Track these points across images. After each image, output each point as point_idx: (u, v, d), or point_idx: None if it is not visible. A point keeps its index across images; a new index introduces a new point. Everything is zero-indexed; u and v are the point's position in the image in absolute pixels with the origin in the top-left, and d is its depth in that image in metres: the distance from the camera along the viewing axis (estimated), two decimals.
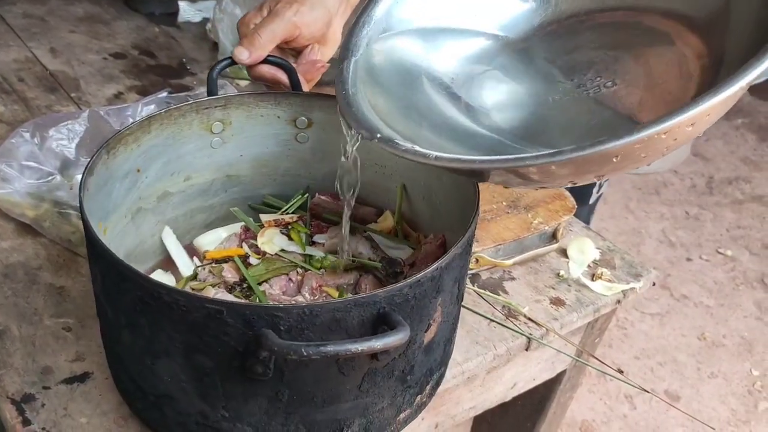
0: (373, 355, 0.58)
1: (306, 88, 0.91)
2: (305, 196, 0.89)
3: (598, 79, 0.72)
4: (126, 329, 0.62)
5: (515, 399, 1.04)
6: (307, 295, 0.76)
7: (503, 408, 1.08)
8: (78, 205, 0.88)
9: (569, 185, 0.65)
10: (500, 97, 0.75)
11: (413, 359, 0.65)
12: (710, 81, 0.58)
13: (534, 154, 0.57)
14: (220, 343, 0.56)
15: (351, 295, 0.78)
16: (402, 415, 0.70)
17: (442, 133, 0.69)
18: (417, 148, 0.62)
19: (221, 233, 0.86)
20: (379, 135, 0.64)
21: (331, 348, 0.52)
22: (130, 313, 0.60)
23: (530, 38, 0.79)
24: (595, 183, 1.42)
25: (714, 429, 1.95)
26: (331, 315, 0.56)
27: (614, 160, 0.57)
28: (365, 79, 0.72)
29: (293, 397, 0.60)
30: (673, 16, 0.72)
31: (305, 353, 0.51)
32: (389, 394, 0.65)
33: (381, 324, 0.57)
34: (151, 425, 0.68)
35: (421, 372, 0.68)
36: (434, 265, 0.60)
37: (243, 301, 0.73)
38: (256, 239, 0.84)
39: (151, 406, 0.65)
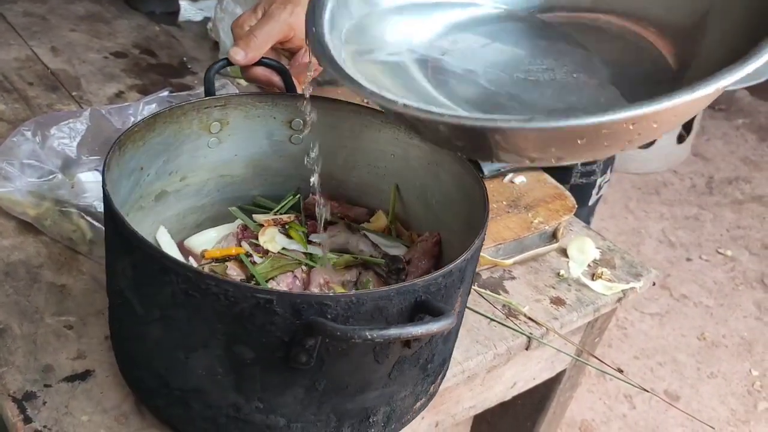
0: (406, 343, 0.61)
1: (299, 89, 0.91)
2: (297, 197, 0.90)
3: (566, 69, 0.73)
4: (157, 324, 0.61)
5: (515, 398, 1.04)
6: (316, 291, 0.76)
7: (503, 407, 1.09)
8: (78, 203, 0.89)
9: (526, 163, 0.65)
10: (466, 68, 0.75)
11: (435, 348, 0.67)
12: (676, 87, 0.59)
13: (506, 116, 0.56)
14: (266, 332, 0.57)
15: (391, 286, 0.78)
16: (418, 404, 0.72)
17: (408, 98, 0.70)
18: (384, 93, 0.61)
19: (212, 234, 0.86)
20: (345, 70, 0.64)
21: (394, 331, 0.53)
22: (167, 307, 0.60)
23: (506, 21, 0.80)
24: (594, 184, 1.42)
25: (713, 429, 1.95)
26: (375, 303, 0.57)
27: (579, 141, 0.57)
28: (337, 36, 0.73)
29: (329, 386, 0.61)
30: (649, 21, 0.73)
31: (370, 336, 0.52)
32: (412, 382, 0.67)
33: (417, 312, 0.59)
34: (171, 422, 0.68)
35: (438, 361, 0.71)
36: (462, 257, 0.62)
37: (293, 290, 0.74)
38: (254, 238, 0.85)
39: (176, 402, 0.65)
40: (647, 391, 1.15)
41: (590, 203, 1.43)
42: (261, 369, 0.60)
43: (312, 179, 0.80)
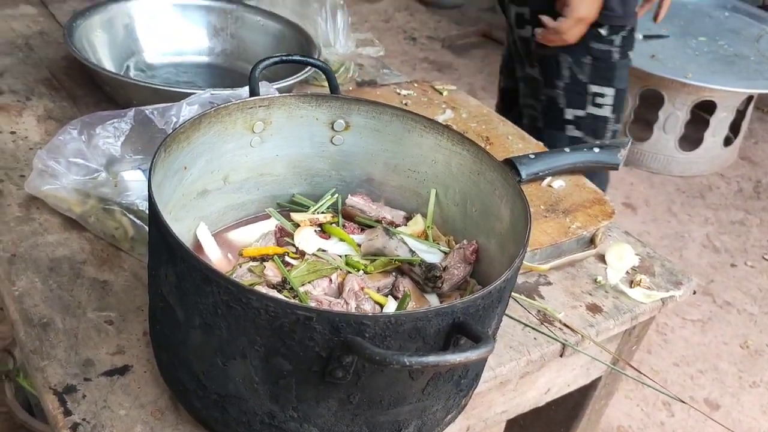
0: None
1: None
2: (335, 196, 0.90)
3: None
4: (198, 330, 0.63)
5: (549, 404, 1.03)
6: (352, 300, 0.76)
7: (536, 412, 1.08)
8: (121, 201, 0.91)
9: None
10: None
11: (469, 364, 0.67)
12: None
13: None
14: (304, 347, 0.58)
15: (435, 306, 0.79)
16: (449, 417, 0.72)
17: None
18: None
19: (253, 230, 0.88)
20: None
21: (432, 359, 0.53)
22: (208, 315, 0.61)
23: None
24: (608, 118, 1.51)
25: None
26: (414, 324, 0.58)
27: None
28: None
29: (363, 399, 0.62)
30: None
31: (408, 363, 0.53)
32: (445, 396, 0.68)
33: (455, 333, 0.60)
34: (207, 424, 0.69)
35: (472, 376, 0.71)
36: (502, 277, 0.63)
37: (334, 309, 0.75)
38: (290, 238, 0.85)
39: (213, 405, 0.66)
40: (684, 402, 1.13)
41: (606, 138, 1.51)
42: (297, 381, 0.61)
43: None
